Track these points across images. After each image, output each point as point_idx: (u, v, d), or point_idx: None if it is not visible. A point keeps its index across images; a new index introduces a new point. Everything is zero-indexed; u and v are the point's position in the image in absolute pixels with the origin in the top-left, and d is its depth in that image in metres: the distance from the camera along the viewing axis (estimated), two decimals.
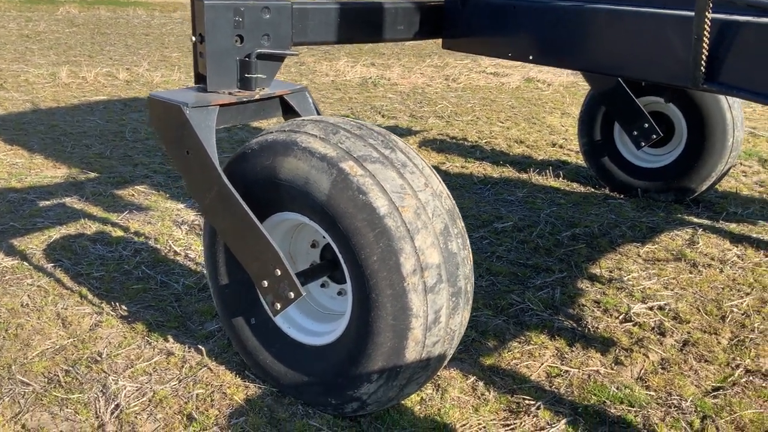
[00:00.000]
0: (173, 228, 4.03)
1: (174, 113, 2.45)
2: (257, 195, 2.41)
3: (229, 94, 2.59)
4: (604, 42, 2.51)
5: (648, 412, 2.60)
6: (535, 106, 7.80)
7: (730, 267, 3.84)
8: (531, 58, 2.76)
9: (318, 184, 2.23)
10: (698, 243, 4.15)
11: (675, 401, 2.67)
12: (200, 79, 2.63)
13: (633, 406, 2.62)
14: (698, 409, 2.62)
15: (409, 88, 8.63)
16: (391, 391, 2.33)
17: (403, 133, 6.59)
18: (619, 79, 4.62)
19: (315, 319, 2.60)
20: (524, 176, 5.38)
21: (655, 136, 4.66)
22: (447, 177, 5.29)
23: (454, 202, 2.36)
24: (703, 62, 2.18)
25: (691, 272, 3.78)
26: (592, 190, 5.08)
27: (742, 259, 3.95)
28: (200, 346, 2.87)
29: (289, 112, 2.80)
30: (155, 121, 2.56)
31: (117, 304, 3.18)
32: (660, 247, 4.09)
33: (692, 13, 2.18)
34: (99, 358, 2.78)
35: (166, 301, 3.24)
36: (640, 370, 2.87)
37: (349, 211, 2.18)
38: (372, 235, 2.15)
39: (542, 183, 5.22)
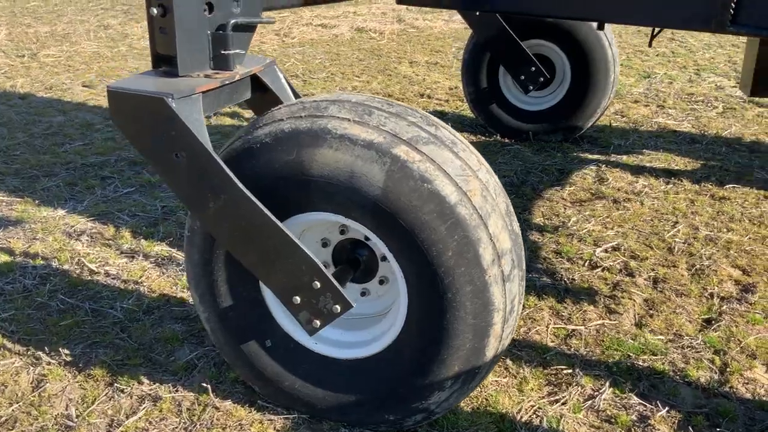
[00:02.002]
0: (71, 241, 3.34)
1: (155, 108, 1.93)
2: (274, 197, 2.00)
3: (206, 77, 2.10)
4: None
5: (670, 357, 2.63)
6: (380, 57, 7.63)
7: (647, 198, 4.03)
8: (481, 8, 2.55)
9: (368, 177, 1.88)
10: (607, 179, 4.31)
11: (685, 342, 2.73)
12: (162, 60, 2.10)
13: (656, 355, 2.64)
14: (708, 345, 2.71)
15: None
16: (464, 394, 2.10)
17: None
18: (503, 23, 4.59)
19: (346, 329, 2.26)
20: None
21: (542, 79, 4.73)
22: None
23: None
24: (732, 3, 2.13)
25: (617, 209, 3.91)
26: (484, 138, 5.07)
27: (652, 189, 4.17)
28: (187, 383, 2.40)
29: (259, 90, 2.36)
30: (123, 120, 2.01)
31: (50, 348, 2.56)
32: (578, 188, 4.19)
33: None
34: (71, 424, 2.21)
35: (109, 333, 2.67)
36: (636, 316, 2.91)
37: (412, 203, 1.87)
38: (444, 227, 1.87)
39: None
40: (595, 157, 4.70)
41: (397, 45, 8.24)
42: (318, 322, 2.05)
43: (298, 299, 2.04)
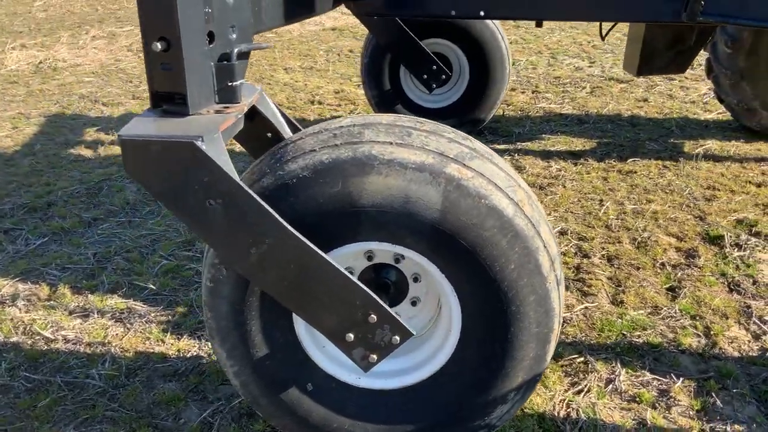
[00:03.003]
0: (5, 309, 2.92)
1: (184, 154, 1.73)
2: (317, 232, 1.87)
3: (218, 112, 1.92)
4: None
5: (658, 329, 2.80)
6: (252, 65, 7.38)
7: (567, 181, 4.25)
8: (482, 14, 2.58)
9: (425, 200, 1.82)
10: (524, 167, 4.50)
11: (664, 313, 2.91)
12: (164, 98, 1.89)
13: (645, 329, 2.80)
14: (684, 312, 2.91)
15: (99, 67, 7.43)
16: (523, 402, 2.10)
17: None
18: (402, 24, 4.62)
19: (389, 357, 2.17)
20: None
21: (444, 77, 4.82)
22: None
23: None
24: None
25: (547, 194, 4.08)
26: None
27: (567, 172, 4.40)
28: None
29: (253, 118, 2.20)
30: (145, 172, 1.78)
31: None
32: None
33: None
34: None
35: (98, 406, 2.38)
36: (608, 295, 3.06)
37: (472, 221, 1.83)
38: (505, 241, 1.85)
39: None
40: (503, 146, 4.88)
41: (264, 52, 8.03)
42: (374, 357, 1.96)
43: (351, 336, 1.93)
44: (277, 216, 1.79)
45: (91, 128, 5.52)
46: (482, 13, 2.62)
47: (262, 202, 1.78)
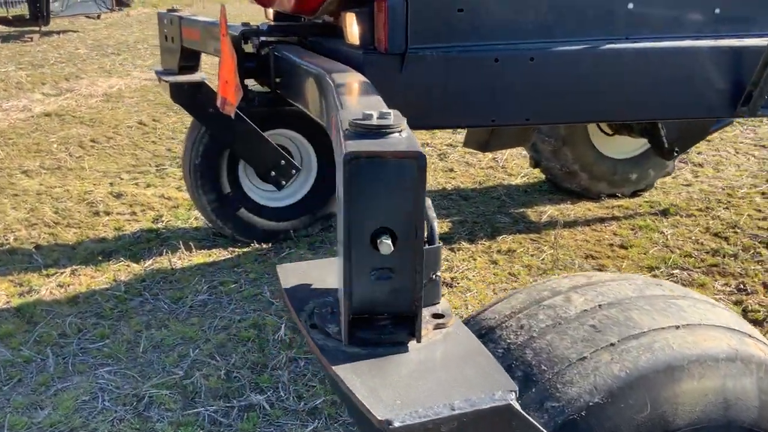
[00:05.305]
0: None
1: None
2: None
3: (437, 328, 1.19)
4: (633, 85, 2.17)
5: None
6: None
7: (456, 273, 3.96)
8: (528, 119, 2.13)
9: (743, 399, 1.34)
10: None
11: None
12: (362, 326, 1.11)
13: None
14: None
15: None
16: None
17: None
18: (244, 116, 3.93)
19: None
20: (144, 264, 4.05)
21: (295, 171, 4.22)
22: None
23: None
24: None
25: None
26: (241, 250, 4.24)
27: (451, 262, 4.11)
28: None
29: None
30: None
31: None
32: None
33: (738, 43, 2.14)
34: None
35: None
36: None
37: None
38: None
39: (183, 264, 4.05)
40: None
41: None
42: None
43: None
44: None
45: None
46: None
47: None
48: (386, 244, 1.04)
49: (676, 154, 4.60)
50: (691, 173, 5.85)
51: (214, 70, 10.05)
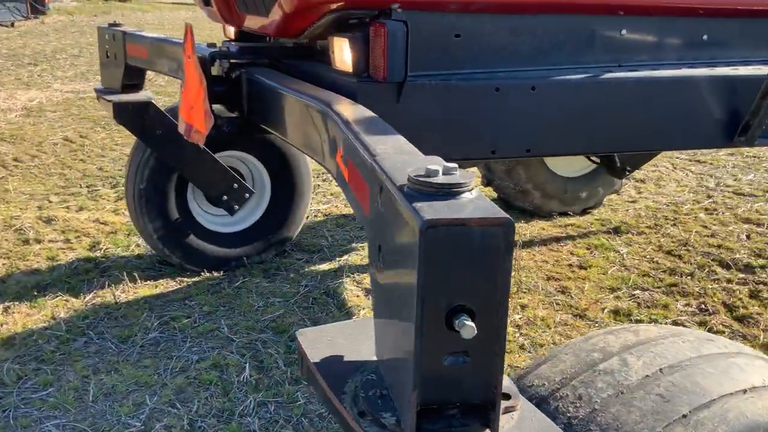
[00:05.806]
0: None
1: None
2: None
3: None
4: (634, 115, 2.08)
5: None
6: None
7: None
8: (528, 150, 2.01)
9: None
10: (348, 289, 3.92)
11: None
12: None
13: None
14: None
15: None
16: None
17: None
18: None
19: None
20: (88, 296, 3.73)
21: (248, 195, 4.00)
22: None
23: None
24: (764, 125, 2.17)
25: None
26: (191, 279, 3.98)
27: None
28: None
29: None
30: None
31: None
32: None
33: (735, 72, 2.11)
34: None
35: None
36: None
37: None
38: None
39: (137, 294, 3.74)
40: (326, 267, 4.22)
41: None
42: None
43: None
44: None
45: None
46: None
47: None
48: (469, 327, 0.89)
49: (627, 172, 4.64)
50: (634, 189, 5.94)
51: (157, 88, 9.61)
